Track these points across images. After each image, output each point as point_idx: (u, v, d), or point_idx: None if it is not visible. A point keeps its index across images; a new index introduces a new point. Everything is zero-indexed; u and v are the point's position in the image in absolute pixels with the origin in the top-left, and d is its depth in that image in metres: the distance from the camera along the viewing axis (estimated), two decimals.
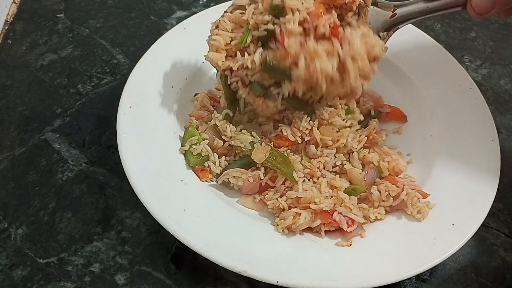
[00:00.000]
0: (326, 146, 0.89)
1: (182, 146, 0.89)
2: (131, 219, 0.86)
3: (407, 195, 0.83)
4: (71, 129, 0.98)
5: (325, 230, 0.81)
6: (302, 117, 0.89)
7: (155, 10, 1.24)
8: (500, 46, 1.23)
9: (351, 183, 0.88)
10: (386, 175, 0.89)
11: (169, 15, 1.23)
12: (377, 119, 0.97)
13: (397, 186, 0.85)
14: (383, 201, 0.84)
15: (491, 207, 0.82)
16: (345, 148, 0.90)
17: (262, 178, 0.86)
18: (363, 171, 0.88)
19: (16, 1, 1.22)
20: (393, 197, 0.84)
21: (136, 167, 0.82)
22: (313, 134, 0.88)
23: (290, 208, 0.82)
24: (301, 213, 0.80)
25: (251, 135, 0.88)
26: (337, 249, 0.79)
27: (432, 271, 0.83)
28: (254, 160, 0.85)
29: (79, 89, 1.05)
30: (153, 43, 1.02)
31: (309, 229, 0.81)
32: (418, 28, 1.11)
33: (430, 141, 0.95)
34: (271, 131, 0.91)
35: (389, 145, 0.95)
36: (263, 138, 0.90)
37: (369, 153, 0.90)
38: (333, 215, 0.80)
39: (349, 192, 0.85)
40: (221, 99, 0.92)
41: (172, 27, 1.08)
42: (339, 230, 0.81)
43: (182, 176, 0.85)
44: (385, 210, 0.85)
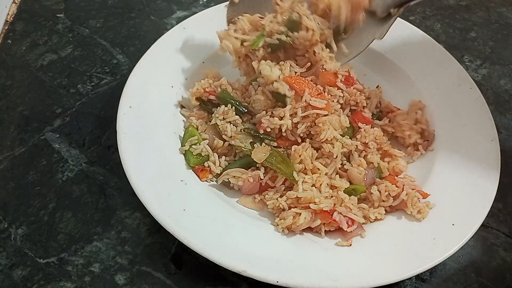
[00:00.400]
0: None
1: (182, 146, 0.89)
2: (131, 219, 0.86)
3: (407, 195, 0.83)
4: (71, 129, 0.98)
5: (325, 230, 0.81)
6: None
7: (155, 10, 1.24)
8: (500, 46, 1.23)
9: (351, 183, 0.88)
10: (386, 175, 0.89)
11: (169, 15, 1.23)
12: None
13: (397, 186, 0.85)
14: (383, 201, 0.84)
15: (491, 207, 0.82)
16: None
17: (262, 178, 0.86)
18: (364, 169, 0.88)
19: (16, 1, 1.22)
20: (393, 197, 0.84)
21: (136, 167, 0.82)
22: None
23: (290, 208, 0.82)
24: (301, 213, 0.80)
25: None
26: (337, 249, 0.79)
27: (432, 271, 0.83)
28: (254, 160, 0.86)
29: (79, 89, 1.05)
30: (153, 43, 1.02)
31: (309, 229, 0.81)
32: (418, 28, 1.12)
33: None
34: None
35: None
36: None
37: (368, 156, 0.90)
38: (333, 215, 0.80)
39: (349, 192, 0.86)
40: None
41: (172, 27, 1.08)
42: (339, 230, 0.81)
43: (182, 176, 0.85)
44: (385, 210, 0.85)
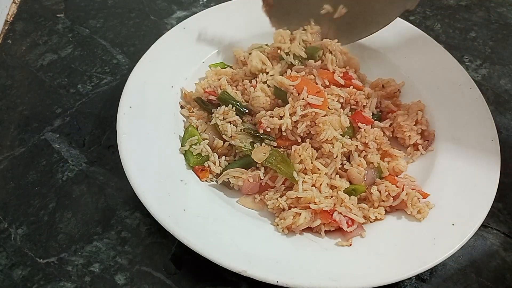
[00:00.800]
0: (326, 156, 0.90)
1: (182, 146, 0.89)
2: (131, 219, 0.86)
3: (407, 195, 0.83)
4: (71, 129, 0.98)
5: (325, 230, 0.81)
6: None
7: (155, 10, 1.24)
8: (500, 46, 1.23)
9: (351, 183, 0.88)
10: (386, 175, 0.89)
11: (169, 15, 1.23)
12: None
13: (397, 186, 0.85)
14: (383, 201, 0.84)
15: (491, 207, 0.82)
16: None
17: (262, 178, 0.86)
18: (364, 169, 0.88)
19: (16, 1, 1.22)
20: (393, 197, 0.84)
21: (136, 167, 0.82)
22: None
23: (290, 208, 0.82)
24: (301, 213, 0.80)
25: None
26: (337, 249, 0.79)
27: (432, 271, 0.83)
28: (254, 160, 0.86)
29: (79, 89, 1.05)
30: (153, 43, 1.02)
31: (309, 229, 0.81)
32: (418, 28, 1.12)
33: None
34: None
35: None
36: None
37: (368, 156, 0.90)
38: (333, 215, 0.80)
39: (349, 192, 0.86)
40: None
41: (172, 27, 1.08)
42: (339, 230, 0.81)
43: (182, 176, 0.85)
44: (385, 210, 0.84)
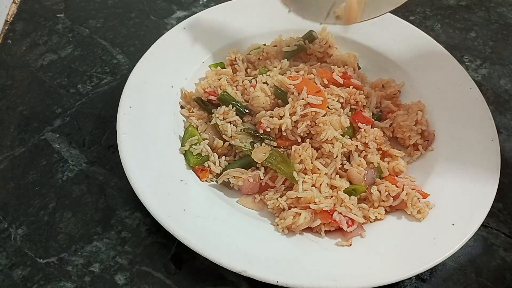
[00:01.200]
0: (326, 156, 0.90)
1: (182, 146, 0.89)
2: (131, 219, 0.86)
3: (407, 195, 0.83)
4: (71, 129, 0.98)
5: (325, 230, 0.81)
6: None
7: (155, 10, 1.24)
8: (500, 46, 1.23)
9: (351, 183, 0.88)
10: (386, 175, 0.89)
11: (169, 15, 1.23)
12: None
13: (397, 186, 0.85)
14: (383, 201, 0.84)
15: (491, 207, 0.82)
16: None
17: (262, 178, 0.86)
18: (364, 169, 0.88)
19: (16, 1, 1.22)
20: (393, 197, 0.84)
21: (136, 167, 0.82)
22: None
23: (290, 208, 0.82)
24: (301, 213, 0.80)
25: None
26: (337, 249, 0.79)
27: (432, 271, 0.83)
28: (254, 160, 0.86)
29: (79, 89, 1.05)
30: (153, 43, 1.02)
31: (309, 229, 0.81)
32: (418, 28, 1.12)
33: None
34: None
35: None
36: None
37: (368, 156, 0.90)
38: (333, 215, 0.80)
39: (349, 192, 0.85)
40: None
41: (172, 27, 1.08)
42: (339, 230, 0.81)
43: (182, 176, 0.85)
44: (385, 210, 0.84)
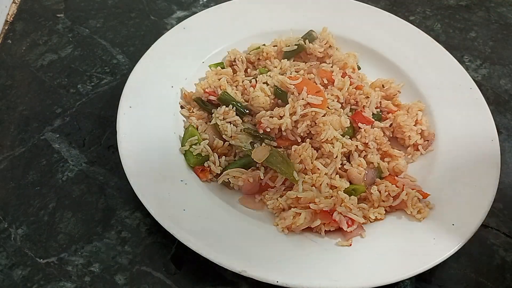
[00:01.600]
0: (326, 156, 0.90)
1: (182, 146, 0.89)
2: (131, 219, 0.86)
3: (407, 195, 0.83)
4: (71, 129, 0.98)
5: (325, 230, 0.81)
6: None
7: (155, 10, 1.24)
8: (500, 46, 1.23)
9: (351, 183, 0.88)
10: (386, 175, 0.89)
11: (169, 15, 1.23)
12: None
13: (397, 186, 0.85)
14: (383, 201, 0.84)
15: (491, 207, 0.82)
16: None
17: (262, 178, 0.86)
18: (364, 169, 0.88)
19: (16, 1, 1.22)
20: (393, 197, 0.84)
21: (136, 167, 0.82)
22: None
23: (290, 208, 0.82)
24: (301, 213, 0.80)
25: None
26: (337, 249, 0.79)
27: (432, 271, 0.83)
28: (254, 160, 0.86)
29: (79, 89, 1.05)
30: (153, 43, 1.02)
31: (309, 229, 0.81)
32: (418, 28, 1.12)
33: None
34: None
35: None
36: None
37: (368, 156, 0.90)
38: (333, 215, 0.80)
39: (349, 192, 0.85)
40: None
41: (172, 27, 1.08)
42: (339, 230, 0.81)
43: (182, 176, 0.85)
44: (385, 210, 0.84)
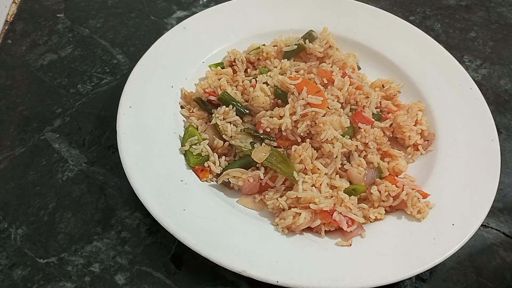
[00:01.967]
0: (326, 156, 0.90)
1: (182, 146, 0.89)
2: (131, 219, 0.86)
3: (407, 195, 0.83)
4: (71, 129, 0.98)
5: (325, 230, 0.81)
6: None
7: (155, 10, 1.24)
8: (500, 46, 1.23)
9: (351, 183, 0.88)
10: (386, 175, 0.89)
11: (169, 15, 1.23)
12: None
13: (397, 186, 0.85)
14: (383, 201, 0.84)
15: (491, 207, 0.82)
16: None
17: (262, 178, 0.86)
18: (364, 169, 0.88)
19: (16, 1, 1.22)
20: (393, 197, 0.84)
21: (136, 167, 0.82)
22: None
23: (290, 208, 0.82)
24: (301, 213, 0.80)
25: None
26: (337, 249, 0.79)
27: (432, 271, 0.83)
28: (254, 160, 0.86)
29: (79, 89, 1.05)
30: (153, 43, 1.02)
31: (309, 229, 0.81)
32: (418, 28, 1.12)
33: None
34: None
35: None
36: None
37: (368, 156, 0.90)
38: (333, 215, 0.80)
39: (349, 192, 0.86)
40: None
41: (172, 27, 1.08)
42: (339, 230, 0.81)
43: (182, 176, 0.85)
44: (385, 210, 0.85)
